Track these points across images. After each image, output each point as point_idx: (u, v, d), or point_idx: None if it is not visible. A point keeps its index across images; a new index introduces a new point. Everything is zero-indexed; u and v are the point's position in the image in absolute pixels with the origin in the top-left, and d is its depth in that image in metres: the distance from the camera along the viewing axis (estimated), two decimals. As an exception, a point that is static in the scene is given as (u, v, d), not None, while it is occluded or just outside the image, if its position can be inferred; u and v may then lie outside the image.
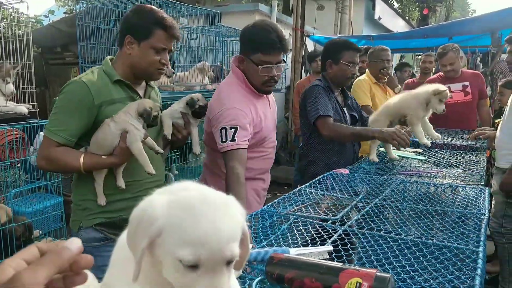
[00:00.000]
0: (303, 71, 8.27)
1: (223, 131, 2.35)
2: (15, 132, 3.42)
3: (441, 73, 5.19)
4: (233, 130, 2.36)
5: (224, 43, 4.52)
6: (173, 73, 3.86)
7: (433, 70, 6.33)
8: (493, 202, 3.50)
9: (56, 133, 1.99)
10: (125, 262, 0.81)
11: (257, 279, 1.25)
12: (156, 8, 2.12)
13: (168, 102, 4.04)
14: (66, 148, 2.00)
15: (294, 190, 2.22)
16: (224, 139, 2.34)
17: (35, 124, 2.79)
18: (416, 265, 1.36)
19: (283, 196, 2.12)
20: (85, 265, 0.62)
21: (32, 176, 4.21)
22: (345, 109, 3.25)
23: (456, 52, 4.94)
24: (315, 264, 1.21)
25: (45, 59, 7.93)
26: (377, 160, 3.08)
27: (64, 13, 10.31)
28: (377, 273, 1.10)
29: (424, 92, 2.93)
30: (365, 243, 1.53)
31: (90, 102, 2.02)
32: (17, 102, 2.78)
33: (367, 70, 4.72)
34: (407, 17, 19.65)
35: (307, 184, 2.35)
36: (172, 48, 2.13)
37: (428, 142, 3.00)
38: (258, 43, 2.39)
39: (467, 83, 4.94)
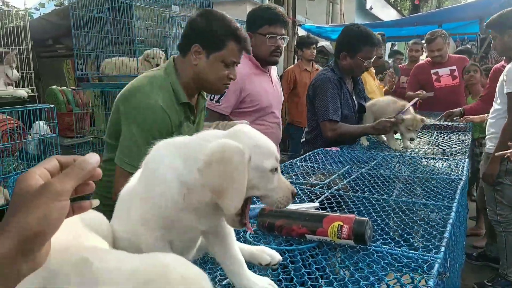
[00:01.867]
0: (295, 60, 8.36)
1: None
2: (12, 122, 3.50)
3: (428, 59, 5.31)
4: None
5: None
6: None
7: (423, 57, 6.44)
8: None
9: (131, 166, 1.70)
10: (126, 212, 1.04)
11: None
12: (227, 16, 1.90)
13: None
14: None
15: (285, 162, 2.34)
16: (212, 97, 2.58)
17: (34, 107, 2.89)
18: (395, 219, 1.48)
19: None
20: (96, 177, 0.72)
21: (30, 166, 4.29)
22: (354, 98, 3.25)
23: (443, 38, 5.06)
24: (301, 212, 1.33)
25: (37, 52, 7.94)
26: (367, 143, 3.18)
27: (55, 5, 10.27)
28: (356, 217, 1.22)
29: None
30: (349, 203, 1.65)
31: (169, 131, 1.81)
32: (16, 87, 2.87)
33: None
34: (398, 7, 19.75)
35: (298, 158, 2.47)
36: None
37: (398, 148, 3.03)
38: (265, 17, 2.70)
39: (454, 67, 5.07)
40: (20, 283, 0.62)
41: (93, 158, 0.69)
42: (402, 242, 1.28)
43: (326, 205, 1.62)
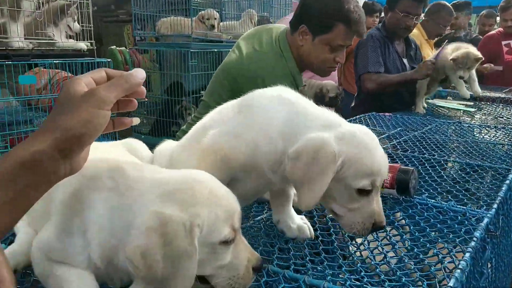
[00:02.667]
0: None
1: None
2: (66, 75, 3.64)
3: (500, 29, 4.89)
4: None
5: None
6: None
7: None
8: None
9: None
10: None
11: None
12: None
13: (215, 50, 4.18)
14: None
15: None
16: None
17: (92, 61, 3.01)
18: (445, 176, 1.39)
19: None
20: (140, 95, 0.72)
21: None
22: (405, 60, 3.07)
23: (521, 6, 4.62)
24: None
25: (100, 17, 8.24)
26: (424, 111, 3.01)
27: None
28: (401, 166, 1.16)
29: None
30: (397, 161, 1.57)
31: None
32: (76, 40, 3.00)
33: (419, 24, 4.51)
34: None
35: (348, 119, 2.39)
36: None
37: (467, 94, 2.88)
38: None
39: (529, 40, 4.63)
40: (60, 183, 0.65)
41: (139, 74, 0.69)
42: (450, 197, 1.20)
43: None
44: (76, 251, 0.68)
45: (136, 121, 0.79)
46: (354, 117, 2.47)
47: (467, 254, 0.83)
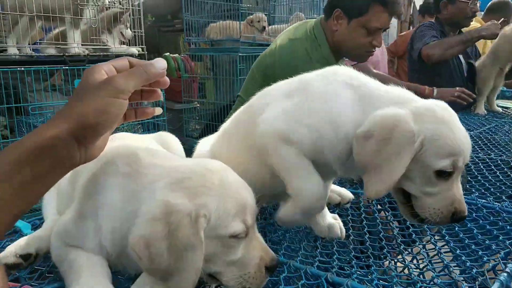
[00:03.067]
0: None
1: None
2: None
3: None
4: None
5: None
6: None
7: None
8: None
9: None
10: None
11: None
12: None
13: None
14: None
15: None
16: None
17: (144, 65, 3.11)
18: (500, 176, 1.26)
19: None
20: (163, 85, 0.72)
21: (144, 125, 4.66)
22: (460, 56, 2.91)
23: None
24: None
25: (157, 27, 8.56)
26: (485, 112, 2.79)
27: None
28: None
29: None
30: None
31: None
32: (128, 45, 3.12)
33: (480, 19, 4.23)
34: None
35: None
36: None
37: None
38: None
39: None
40: (84, 168, 0.67)
41: (159, 64, 0.69)
42: (504, 198, 1.08)
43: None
44: (88, 235, 0.67)
45: (158, 111, 0.78)
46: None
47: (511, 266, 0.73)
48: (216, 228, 0.62)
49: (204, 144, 1.03)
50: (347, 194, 1.06)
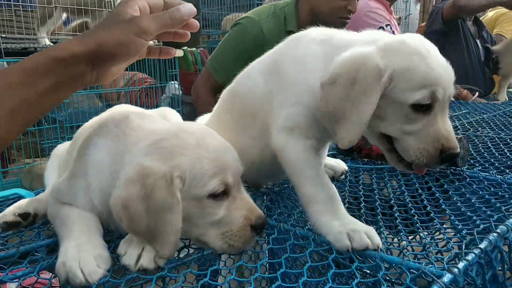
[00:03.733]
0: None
1: (381, 30, 2.36)
2: (149, 80, 3.86)
3: None
4: (388, 26, 2.40)
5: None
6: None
7: None
8: None
9: (215, 70, 1.89)
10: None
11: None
12: None
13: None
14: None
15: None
16: None
17: (159, 58, 3.15)
18: (505, 150, 1.23)
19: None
20: (193, 28, 0.76)
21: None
22: (478, 41, 2.88)
23: None
24: (384, 131, 1.19)
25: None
26: (506, 99, 2.70)
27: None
28: (447, 134, 1.04)
29: None
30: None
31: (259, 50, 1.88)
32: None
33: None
34: None
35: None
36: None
37: None
38: None
39: None
40: (78, 135, 0.72)
41: (185, 10, 0.71)
42: (507, 171, 1.06)
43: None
44: (79, 193, 0.69)
45: (179, 53, 0.84)
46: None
47: (502, 227, 0.71)
48: (193, 188, 0.62)
49: (202, 119, 1.03)
50: (340, 167, 1.05)
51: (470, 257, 0.61)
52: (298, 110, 0.76)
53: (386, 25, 2.37)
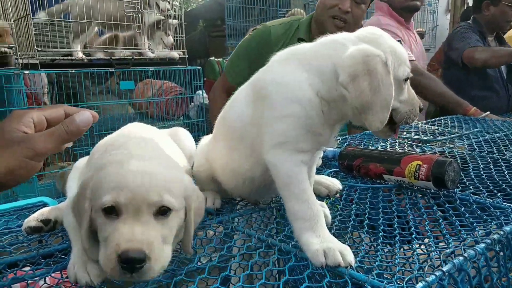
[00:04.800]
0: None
1: None
2: (178, 89, 4.03)
3: None
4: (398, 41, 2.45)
5: None
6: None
7: None
8: None
9: (228, 72, 2.10)
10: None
11: (329, 171, 1.35)
12: None
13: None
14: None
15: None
16: None
17: (184, 68, 3.30)
18: (507, 176, 1.26)
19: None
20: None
21: (192, 130, 4.87)
22: None
23: None
24: (380, 152, 1.25)
25: (208, 32, 8.80)
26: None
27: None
28: (439, 157, 1.09)
29: None
30: (459, 160, 1.46)
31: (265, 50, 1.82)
32: (171, 49, 3.31)
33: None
34: None
35: (425, 121, 2.26)
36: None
37: None
38: None
39: None
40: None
41: (82, 119, 0.70)
42: (499, 194, 1.09)
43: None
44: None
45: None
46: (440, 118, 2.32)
47: (481, 245, 0.77)
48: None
49: (205, 140, 1.13)
50: (334, 185, 1.12)
51: (430, 278, 0.67)
52: (287, 123, 0.82)
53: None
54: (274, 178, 0.84)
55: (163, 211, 0.68)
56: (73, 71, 2.78)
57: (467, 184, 1.19)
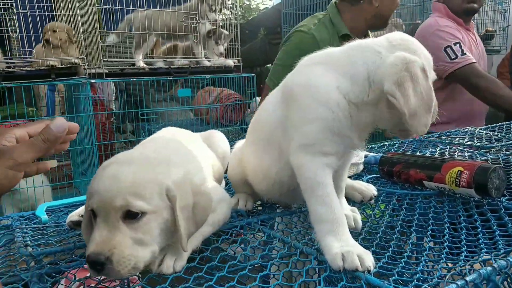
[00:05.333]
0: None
1: (448, 49, 2.33)
2: (235, 96, 4.14)
3: None
4: (457, 45, 2.34)
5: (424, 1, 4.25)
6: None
7: None
8: None
9: (274, 82, 2.02)
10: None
11: (369, 177, 1.32)
12: None
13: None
14: None
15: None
16: (453, 57, 2.32)
17: (238, 76, 3.38)
18: None
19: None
20: (73, 133, 0.78)
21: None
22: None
23: None
24: (421, 157, 1.20)
25: (269, 39, 8.91)
26: None
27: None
28: (482, 164, 1.03)
29: None
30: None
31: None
32: (225, 57, 3.41)
33: None
34: None
35: (483, 127, 2.12)
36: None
37: None
38: None
39: None
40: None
41: (57, 126, 0.74)
42: (551, 204, 1.01)
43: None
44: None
45: (53, 163, 0.87)
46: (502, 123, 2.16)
47: (501, 262, 0.71)
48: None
49: (239, 144, 1.16)
50: (369, 191, 1.09)
51: (451, 287, 0.64)
52: (314, 125, 0.83)
53: (455, 44, 2.29)
54: (298, 181, 0.84)
55: (133, 215, 0.69)
56: (135, 79, 2.96)
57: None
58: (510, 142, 1.63)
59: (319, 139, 0.83)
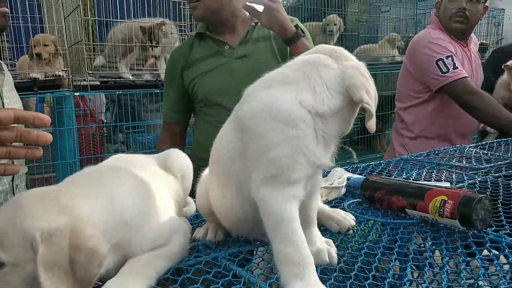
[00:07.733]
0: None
1: (440, 62, 2.27)
2: None
3: None
4: (449, 58, 2.27)
5: (417, 14, 4.22)
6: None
7: None
8: None
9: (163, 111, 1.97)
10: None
11: (351, 201, 1.25)
12: None
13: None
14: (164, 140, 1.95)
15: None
16: (444, 70, 2.25)
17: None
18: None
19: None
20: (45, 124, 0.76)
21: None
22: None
23: None
24: (404, 184, 1.13)
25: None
26: None
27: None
28: (467, 193, 0.97)
29: None
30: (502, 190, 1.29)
31: (174, 72, 1.89)
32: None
33: None
34: None
35: (473, 144, 2.07)
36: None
37: None
38: None
39: None
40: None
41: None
42: (542, 237, 0.94)
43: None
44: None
45: (23, 169, 0.83)
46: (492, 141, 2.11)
47: None
48: None
49: (207, 170, 1.07)
50: (346, 221, 1.02)
51: None
52: (281, 150, 0.74)
53: (447, 57, 2.23)
54: (261, 216, 0.77)
55: None
56: (120, 92, 2.90)
57: (504, 223, 1.04)
58: (499, 163, 1.57)
59: (288, 164, 0.74)
